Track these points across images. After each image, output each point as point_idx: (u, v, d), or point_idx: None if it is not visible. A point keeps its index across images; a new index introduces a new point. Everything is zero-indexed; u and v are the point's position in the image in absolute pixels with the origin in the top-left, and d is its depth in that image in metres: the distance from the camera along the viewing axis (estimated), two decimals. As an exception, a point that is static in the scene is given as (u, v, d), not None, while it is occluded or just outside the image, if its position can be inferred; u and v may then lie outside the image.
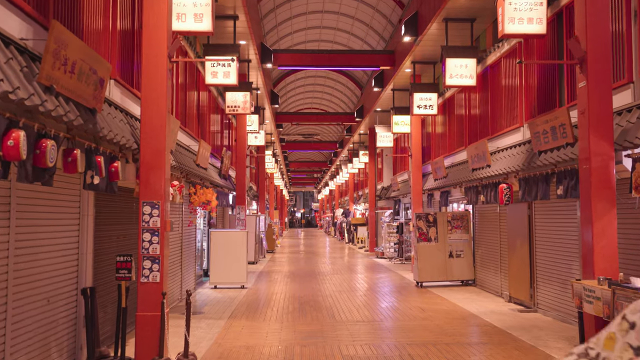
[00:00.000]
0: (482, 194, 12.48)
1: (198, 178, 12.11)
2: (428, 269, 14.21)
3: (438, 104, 16.36)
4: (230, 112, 16.04)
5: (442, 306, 11.16)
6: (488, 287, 13.15)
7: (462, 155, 14.94)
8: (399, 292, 13.42)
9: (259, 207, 28.54)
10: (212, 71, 12.80)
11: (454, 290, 13.51)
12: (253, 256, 21.03)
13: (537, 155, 9.50)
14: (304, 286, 14.50)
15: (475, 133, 13.94)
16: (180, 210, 11.55)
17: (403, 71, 17.64)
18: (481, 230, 13.76)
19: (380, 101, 21.76)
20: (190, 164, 11.15)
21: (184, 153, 11.11)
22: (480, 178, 12.45)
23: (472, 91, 14.26)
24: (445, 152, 16.59)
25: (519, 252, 11.15)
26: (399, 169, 24.54)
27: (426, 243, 14.31)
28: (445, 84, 13.06)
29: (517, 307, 10.98)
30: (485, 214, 13.45)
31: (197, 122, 13.49)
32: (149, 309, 6.72)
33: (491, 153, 12.10)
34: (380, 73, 20.49)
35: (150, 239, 6.82)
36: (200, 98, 14.20)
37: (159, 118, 6.89)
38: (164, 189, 6.90)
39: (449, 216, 14.47)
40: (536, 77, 10.41)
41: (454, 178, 14.69)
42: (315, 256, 25.38)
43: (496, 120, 12.47)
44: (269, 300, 12.06)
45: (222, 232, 14.37)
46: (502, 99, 12.07)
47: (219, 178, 15.28)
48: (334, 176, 50.19)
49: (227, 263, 14.05)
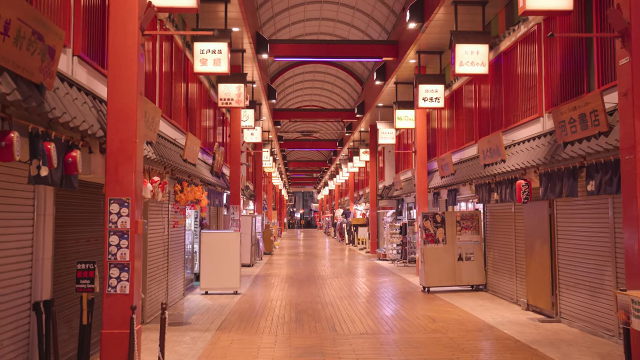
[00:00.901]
0: (496, 191, 11.45)
1: (185, 174, 11.08)
2: (436, 273, 13.17)
3: (445, 97, 15.35)
4: (223, 105, 15.02)
5: (454, 315, 10.13)
6: (501, 293, 12.12)
7: (472, 151, 13.91)
8: (405, 298, 12.39)
9: (256, 207, 27.51)
10: (201, 58, 11.78)
11: (464, 296, 12.47)
12: (249, 259, 20.00)
13: (562, 147, 8.47)
14: (302, 292, 13.47)
15: (486, 126, 12.90)
16: (164, 209, 10.50)
17: (407, 62, 16.62)
18: (493, 231, 12.72)
19: (382, 96, 20.73)
20: (176, 158, 10.12)
21: (168, 147, 10.08)
22: (493, 174, 11.43)
23: (482, 81, 13.22)
24: (452, 148, 15.56)
25: (537, 255, 10.11)
26: (401, 167, 23.52)
27: (433, 245, 13.28)
28: (454, 72, 12.02)
29: (537, 316, 9.94)
30: (497, 213, 12.42)
31: (186, 115, 12.46)
32: (116, 326, 5.68)
33: (506, 147, 11.07)
34: (382, 65, 19.47)
35: (119, 242, 5.79)
36: (190, 90, 13.17)
37: (129, 100, 5.86)
38: (135, 184, 5.87)
39: (458, 216, 13.44)
40: (559, 61, 9.37)
41: (462, 175, 13.66)
42: (314, 258, 24.34)
43: (511, 111, 11.43)
44: (264, 309, 11.02)
45: (214, 234, 13.33)
46: (518, 87, 11.04)
47: (210, 175, 14.25)
48: (333, 176, 49.17)
49: (218, 267, 13.02)
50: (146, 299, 9.47)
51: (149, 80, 9.43)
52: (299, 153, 55.95)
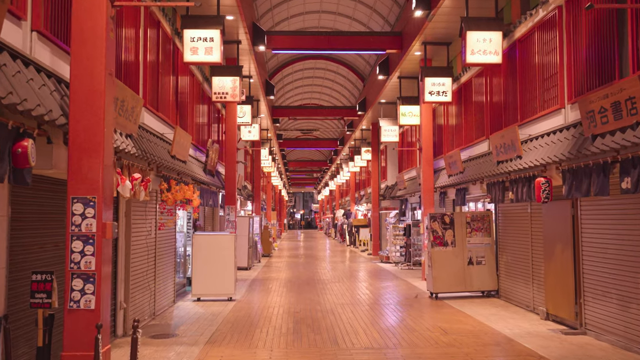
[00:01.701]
0: (511, 190, 10.57)
1: (174, 172, 10.21)
2: (444, 278, 12.28)
3: (452, 90, 14.48)
4: (218, 99, 14.16)
5: (467, 325, 9.24)
6: (516, 300, 11.23)
7: (482, 147, 13.03)
8: (411, 305, 11.50)
9: (255, 208, 26.64)
10: (191, 47, 10.92)
11: (475, 303, 11.59)
12: (246, 261, 19.12)
13: (590, 140, 7.59)
14: (302, 298, 12.58)
15: (499, 121, 12.02)
16: (150, 210, 9.61)
17: (412, 54, 15.74)
18: (506, 233, 11.84)
19: (385, 91, 19.85)
20: (162, 154, 9.25)
21: (154, 141, 9.21)
22: (508, 172, 10.55)
23: (495, 73, 12.34)
24: (461, 145, 14.68)
25: (558, 260, 9.23)
26: (405, 166, 22.63)
27: (442, 248, 12.39)
28: (465, 62, 11.16)
29: (558, 326, 9.06)
30: (511, 213, 11.54)
31: (175, 109, 11.58)
32: (79, 347, 4.81)
33: (521, 142, 10.19)
34: (385, 59, 18.59)
35: (83, 249, 4.92)
36: (181, 82, 12.29)
37: (96, 82, 4.99)
38: (103, 180, 4.99)
39: (468, 217, 12.55)
40: (584, 46, 8.49)
41: (472, 173, 12.78)
42: (314, 260, 23.46)
43: (527, 103, 10.55)
44: (259, 317, 10.14)
45: (207, 236, 12.45)
46: (535, 77, 10.15)
47: (203, 174, 13.38)
48: (334, 176, 48.30)
49: (212, 272, 12.14)
50: (129, 309, 8.60)
51: (131, 70, 8.56)
52: (298, 153, 55.07)
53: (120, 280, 8.42)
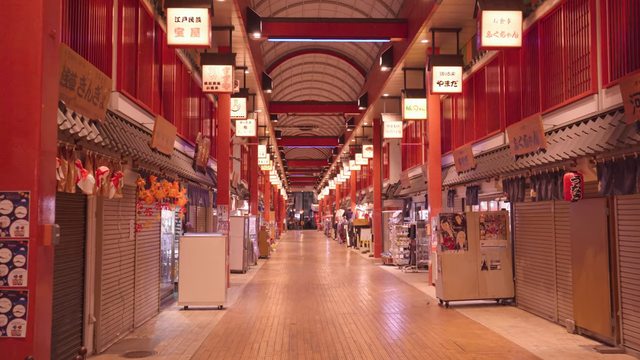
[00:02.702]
0: (532, 187, 9.46)
1: (155, 167, 9.10)
2: (456, 284, 11.18)
3: (462, 81, 13.38)
4: (209, 90, 13.07)
5: (486, 340, 8.14)
6: (536, 310, 10.13)
7: (497, 141, 11.93)
8: (420, 315, 10.40)
9: (252, 208, 25.54)
10: (176, 27, 9.86)
11: (491, 312, 10.48)
12: (241, 264, 18.03)
13: (635, 128, 6.49)
14: (299, 306, 11.48)
15: (516, 111, 10.92)
16: (127, 209, 8.48)
17: (418, 43, 14.63)
18: (524, 234, 10.74)
19: (388, 84, 18.75)
20: (140, 146, 8.14)
21: (130, 131, 8.10)
22: (528, 167, 9.45)
23: (512, 59, 11.23)
24: (472, 139, 13.56)
25: (590, 266, 8.13)
26: (409, 164, 21.52)
27: (453, 251, 11.29)
28: (480, 45, 10.07)
29: (590, 342, 7.95)
30: (531, 213, 10.43)
31: (159, 98, 10.46)
32: (4, 388, 3.70)
33: (545, 133, 9.08)
34: (389, 49, 17.49)
35: (11, 259, 3.81)
36: (166, 69, 11.18)
37: (29, 45, 3.89)
38: (40, 171, 3.89)
39: (481, 217, 11.44)
40: (624, 22, 7.38)
41: (486, 169, 11.67)
42: (314, 262, 22.34)
43: (551, 90, 9.45)
44: (251, 330, 9.04)
45: (195, 238, 11.35)
46: (561, 60, 9.05)
47: (192, 170, 12.27)
48: (334, 175, 47.21)
49: (200, 277, 11.05)
50: (100, 323, 7.50)
51: (101, 51, 7.46)
52: (298, 152, 53.94)
53: (90, 290, 7.32)
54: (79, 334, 7.09)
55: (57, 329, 6.42)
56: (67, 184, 5.46)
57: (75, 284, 7.02)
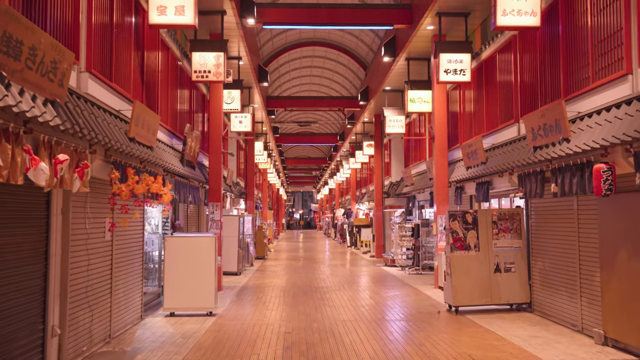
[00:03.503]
0: (553, 181, 8.52)
1: (133, 159, 8.17)
2: (466, 289, 10.25)
3: (471, 69, 12.46)
4: (199, 79, 12.18)
5: (504, 353, 7.20)
6: (555, 316, 9.21)
7: (510, 132, 11.00)
8: (428, 322, 9.46)
9: (248, 207, 24.61)
10: (158, 5, 8.94)
11: (506, 319, 9.56)
12: (235, 266, 17.10)
13: (684, 109, 5.56)
14: (296, 312, 10.55)
15: (533, 100, 10.00)
16: (96, 205, 7.53)
17: (423, 29, 13.70)
18: (542, 233, 9.81)
19: (390, 76, 17.82)
20: (114, 134, 7.20)
21: (103, 117, 7.16)
22: (548, 159, 8.52)
23: (527, 42, 10.30)
24: (481, 132, 12.63)
25: (623, 270, 7.20)
26: (412, 160, 20.58)
27: (463, 252, 10.36)
28: (495, 25, 9.16)
29: (624, 356, 7.03)
30: (549, 210, 9.50)
31: (141, 85, 9.52)
32: None
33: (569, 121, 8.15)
34: (391, 39, 16.57)
35: None
36: (150, 55, 10.24)
37: None
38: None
39: (494, 215, 10.52)
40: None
41: (498, 163, 10.73)
42: (312, 263, 21.40)
43: (574, 73, 8.52)
44: (240, 341, 8.10)
45: (182, 238, 10.42)
46: (587, 39, 8.11)
47: (180, 165, 11.33)
48: (334, 174, 46.26)
49: (188, 281, 10.13)
50: (65, 335, 6.56)
51: (65, 26, 6.52)
52: (297, 150, 53.00)
53: (53, 297, 6.38)
54: (40, 349, 6.15)
55: (10, 345, 5.50)
56: (12, 173, 4.53)
57: (35, 292, 6.08)
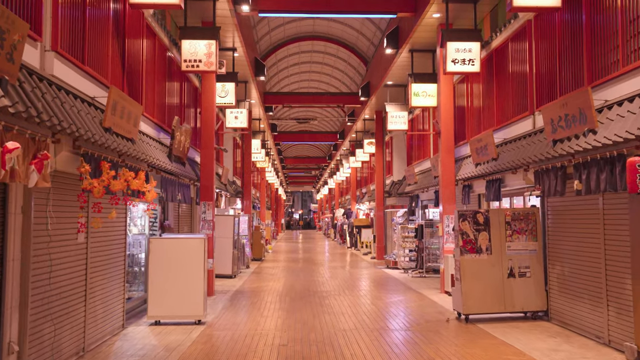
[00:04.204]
0: (578, 177, 7.69)
1: (111, 152, 7.32)
2: (477, 295, 9.42)
3: (480, 59, 11.64)
4: (189, 68, 11.37)
5: (526, 371, 6.38)
6: (576, 326, 8.37)
7: (524, 126, 10.17)
8: (437, 333, 8.62)
9: (244, 206, 23.77)
10: (139, -18, 8.06)
11: (522, 329, 8.72)
12: (230, 268, 16.27)
13: None
14: (292, 319, 9.71)
15: (550, 89, 9.17)
16: (64, 203, 6.68)
17: (428, 18, 12.86)
18: (560, 235, 8.98)
19: (393, 69, 16.98)
20: (86, 123, 6.37)
21: (72, 103, 6.33)
22: (572, 153, 7.68)
23: (543, 28, 9.48)
24: (491, 126, 11.80)
25: (659, 277, 6.37)
26: (415, 158, 19.75)
27: (474, 256, 9.52)
28: (512, 6, 8.34)
29: (662, 374, 6.21)
30: (569, 210, 8.67)
31: (122, 71, 8.68)
32: None
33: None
34: (394, 29, 15.74)
35: None
36: (134, 40, 9.41)
37: None
38: None
39: (507, 215, 9.68)
40: None
41: (511, 159, 9.90)
42: (311, 265, 20.55)
43: (601, 58, 7.69)
44: (229, 355, 7.26)
45: (168, 240, 9.58)
46: (616, 19, 7.29)
47: (167, 161, 10.50)
48: (333, 173, 45.40)
49: (174, 286, 9.30)
50: (25, 352, 5.72)
51: None
52: (296, 150, 52.14)
53: (11, 308, 5.55)
54: (-7, 369, 5.33)
55: (-49, 367, 4.67)
56: (-62, 162, 3.70)
57: (-13, 303, 5.26)
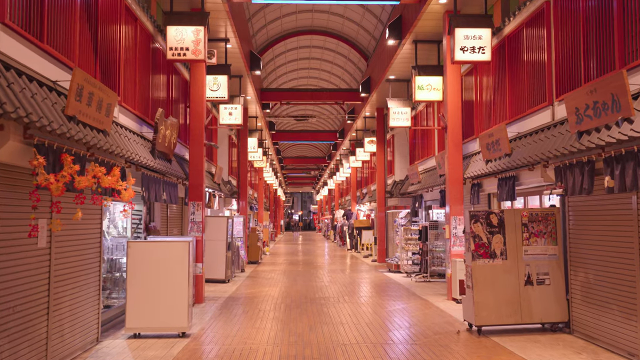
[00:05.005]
0: (609, 173, 6.77)
1: (76, 144, 6.40)
2: (491, 304, 8.49)
3: (491, 47, 10.74)
4: (175, 57, 10.53)
5: (555, 398, 5.46)
6: (604, 341, 7.46)
7: (541, 118, 9.26)
8: (447, 347, 7.70)
9: (240, 207, 22.86)
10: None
11: (542, 343, 7.80)
12: (223, 272, 15.36)
13: None
14: (287, 331, 8.78)
15: (573, 75, 8.27)
16: (20, 203, 5.76)
17: (434, 4, 11.96)
18: (584, 238, 8.06)
19: (395, 62, 16.08)
20: (42, 109, 5.45)
21: (23, 85, 5.42)
22: (602, 145, 6.75)
23: (565, 8, 8.57)
24: (504, 119, 10.89)
25: None
26: (418, 157, 18.84)
27: (487, 261, 8.60)
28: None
29: None
30: (594, 211, 7.76)
31: (94, 54, 7.77)
32: None
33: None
34: (397, 19, 14.84)
35: None
36: (108, 22, 8.51)
37: None
38: None
39: (524, 216, 8.77)
40: None
41: (528, 154, 8.98)
42: (310, 269, 19.62)
43: (635, 38, 6.79)
44: (212, 376, 6.36)
45: (149, 244, 8.67)
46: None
47: (150, 157, 9.57)
48: (333, 173, 44.50)
49: (156, 295, 8.39)
50: (-36, 379, 4.81)
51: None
52: (295, 149, 51.24)
53: (-56, 328, 4.64)
54: None
55: None
56: None
57: None
